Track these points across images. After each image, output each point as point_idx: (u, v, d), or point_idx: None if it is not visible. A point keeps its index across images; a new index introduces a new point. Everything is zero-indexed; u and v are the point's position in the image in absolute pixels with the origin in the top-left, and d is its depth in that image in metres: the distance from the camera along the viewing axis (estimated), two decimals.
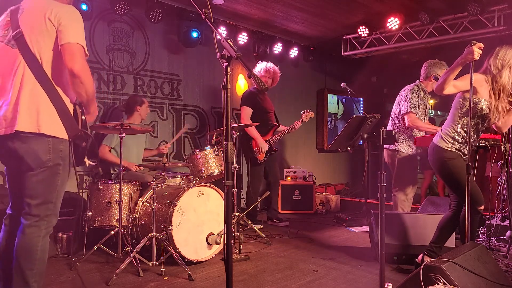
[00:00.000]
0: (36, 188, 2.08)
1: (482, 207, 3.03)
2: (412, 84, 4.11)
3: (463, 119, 2.98)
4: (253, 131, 4.70)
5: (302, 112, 5.07)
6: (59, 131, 2.08)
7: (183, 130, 4.82)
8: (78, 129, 2.13)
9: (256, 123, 4.58)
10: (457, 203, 3.06)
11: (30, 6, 2.13)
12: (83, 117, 2.16)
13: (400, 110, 4.09)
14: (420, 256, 3.14)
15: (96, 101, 2.27)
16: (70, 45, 2.04)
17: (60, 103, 2.08)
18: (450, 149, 2.95)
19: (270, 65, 4.93)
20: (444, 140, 3.01)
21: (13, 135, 2.02)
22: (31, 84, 2.05)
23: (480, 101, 2.94)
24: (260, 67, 4.91)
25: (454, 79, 2.88)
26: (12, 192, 2.22)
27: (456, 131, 2.97)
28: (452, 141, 2.96)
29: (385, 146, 4.13)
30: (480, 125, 3.01)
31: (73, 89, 2.10)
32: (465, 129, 2.97)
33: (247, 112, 4.79)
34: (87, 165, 2.52)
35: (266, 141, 4.80)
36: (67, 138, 2.11)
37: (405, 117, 4.01)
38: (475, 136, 3.03)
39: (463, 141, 2.99)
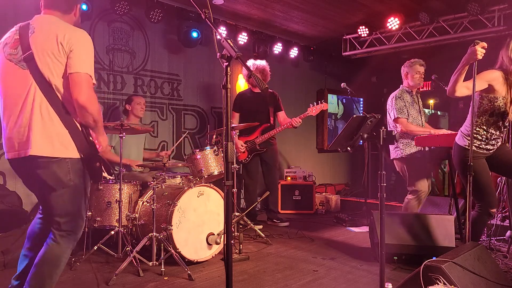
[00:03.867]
0: (64, 208, 2.12)
1: (494, 210, 3.05)
2: (395, 91, 4.14)
3: (481, 117, 3.01)
4: None
5: (310, 105, 4.81)
6: (74, 152, 2.10)
7: (183, 136, 4.92)
8: (89, 150, 2.14)
9: (256, 123, 4.57)
10: (479, 205, 3.10)
11: (41, 26, 2.10)
12: (90, 138, 2.16)
13: (390, 118, 4.14)
14: None
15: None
16: (78, 75, 2.03)
17: (72, 125, 2.09)
18: (469, 147, 2.96)
19: (259, 62, 4.92)
20: (463, 139, 3.04)
21: (30, 158, 2.02)
22: (44, 107, 2.04)
23: (497, 98, 2.94)
24: (249, 64, 4.90)
25: (465, 80, 2.88)
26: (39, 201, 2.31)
27: (475, 130, 2.99)
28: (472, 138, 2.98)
29: (393, 157, 4.14)
30: (501, 122, 3.02)
31: (79, 117, 2.10)
32: (484, 127, 3.01)
33: (232, 116, 4.84)
34: (108, 178, 2.54)
35: (250, 141, 4.82)
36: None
37: (396, 124, 4.05)
38: (498, 132, 3.04)
39: (482, 139, 3.01)
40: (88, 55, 2.09)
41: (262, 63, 4.91)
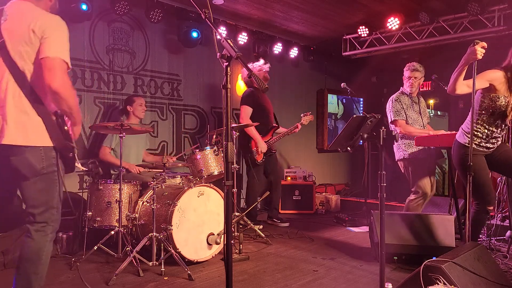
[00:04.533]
0: (38, 198, 2.09)
1: (491, 207, 3.06)
2: (394, 94, 4.15)
3: (482, 115, 3.03)
4: (253, 131, 4.68)
5: (302, 115, 5.08)
6: (48, 140, 2.07)
7: (191, 148, 4.95)
8: (62, 140, 2.11)
9: (256, 123, 4.57)
10: (476, 202, 3.12)
11: (14, 13, 2.06)
12: (65, 127, 2.12)
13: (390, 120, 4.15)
14: None
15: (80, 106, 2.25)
16: (50, 60, 1.97)
17: (45, 114, 2.06)
18: (469, 145, 2.96)
19: (255, 64, 4.93)
20: (464, 137, 3.05)
21: (3, 146, 2.01)
22: (17, 96, 2.02)
23: (499, 97, 2.95)
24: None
25: (466, 79, 2.88)
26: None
27: (476, 127, 3.01)
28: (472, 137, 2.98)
29: (397, 158, 4.13)
30: (500, 121, 3.03)
31: (54, 104, 2.07)
32: (485, 124, 3.03)
33: (247, 111, 4.75)
34: (81, 169, 2.55)
35: (265, 142, 4.80)
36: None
37: (395, 127, 4.05)
38: (499, 130, 3.06)
39: (483, 136, 3.03)
40: (62, 39, 2.04)
41: (259, 65, 4.93)
